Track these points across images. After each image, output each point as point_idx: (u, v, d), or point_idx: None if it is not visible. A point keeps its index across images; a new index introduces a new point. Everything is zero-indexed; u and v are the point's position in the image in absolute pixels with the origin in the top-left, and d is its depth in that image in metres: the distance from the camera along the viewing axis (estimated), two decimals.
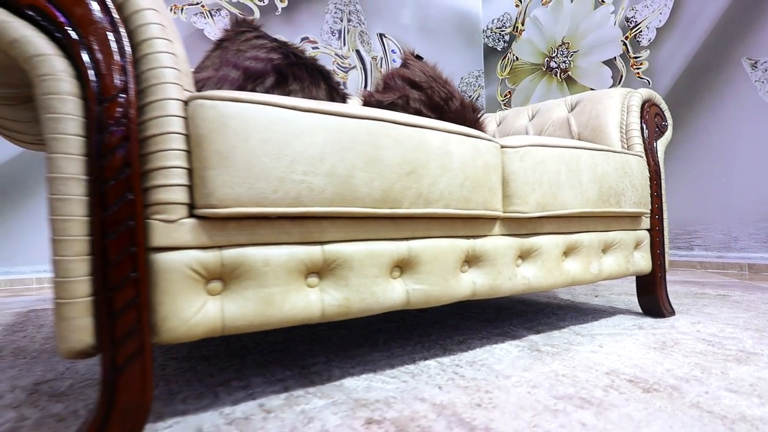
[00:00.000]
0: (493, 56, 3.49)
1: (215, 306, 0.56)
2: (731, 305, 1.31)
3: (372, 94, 1.22)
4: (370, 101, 1.21)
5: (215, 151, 0.53)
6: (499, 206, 0.81)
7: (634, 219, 1.11)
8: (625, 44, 2.62)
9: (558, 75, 3.00)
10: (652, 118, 1.22)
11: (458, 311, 1.31)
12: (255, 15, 2.78)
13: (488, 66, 3.54)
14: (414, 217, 0.71)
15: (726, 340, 0.93)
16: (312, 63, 1.04)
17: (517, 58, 3.30)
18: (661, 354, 0.85)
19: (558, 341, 0.95)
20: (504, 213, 0.84)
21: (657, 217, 1.16)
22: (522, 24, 3.27)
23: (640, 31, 2.54)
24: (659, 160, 1.18)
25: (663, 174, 1.18)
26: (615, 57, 2.67)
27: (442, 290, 0.75)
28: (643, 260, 1.13)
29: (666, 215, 1.19)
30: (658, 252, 1.15)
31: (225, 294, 0.57)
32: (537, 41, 3.16)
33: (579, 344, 0.93)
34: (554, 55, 3.03)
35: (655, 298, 1.15)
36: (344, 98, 1.09)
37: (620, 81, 2.65)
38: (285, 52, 1.03)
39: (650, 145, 1.17)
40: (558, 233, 0.93)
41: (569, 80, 2.93)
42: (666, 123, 1.26)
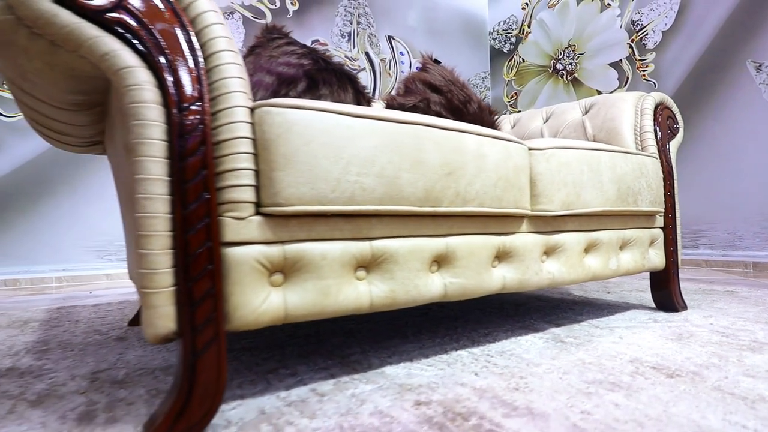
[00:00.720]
0: (499, 58, 3.55)
1: (278, 296, 0.61)
2: (740, 300, 1.36)
3: (394, 98, 1.28)
4: (393, 104, 1.26)
5: (282, 154, 0.58)
6: (528, 205, 0.86)
7: (649, 217, 1.16)
8: (631, 47, 2.67)
9: (564, 77, 3.05)
10: (665, 121, 1.27)
11: (478, 307, 1.36)
12: (267, 18, 2.83)
13: (494, 68, 3.59)
14: (452, 215, 0.76)
15: (738, 332, 0.98)
16: (340, 68, 1.09)
17: (524, 60, 3.35)
18: (679, 344, 0.90)
19: (579, 333, 1.00)
20: (532, 211, 0.89)
21: (670, 216, 1.21)
22: (528, 26, 3.32)
23: (646, 34, 2.60)
24: (672, 161, 1.23)
25: (675, 174, 1.23)
26: (621, 59, 2.73)
27: (476, 284, 0.80)
28: (658, 257, 1.18)
29: (678, 214, 1.24)
30: (672, 249, 1.20)
31: (286, 285, 0.62)
32: (543, 43, 3.21)
33: (600, 336, 0.98)
34: (560, 57, 3.08)
35: (669, 293, 1.20)
36: (369, 102, 1.14)
37: (626, 83, 2.70)
38: (315, 58, 1.08)
39: (663, 147, 1.22)
40: (579, 231, 0.98)
41: (575, 82, 2.98)
42: (677, 125, 1.31)
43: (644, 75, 2.61)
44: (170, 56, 0.55)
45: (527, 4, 3.33)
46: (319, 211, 0.61)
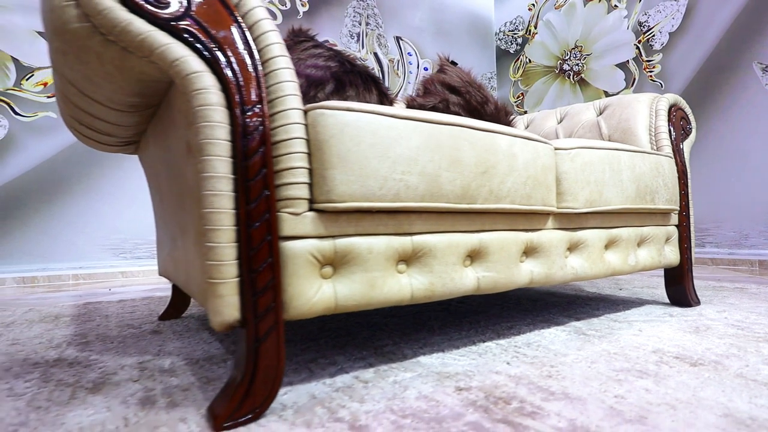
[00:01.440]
0: (506, 58, 3.58)
1: (329, 288, 0.65)
2: (750, 297, 1.40)
3: (414, 99, 1.31)
4: (413, 105, 1.30)
5: (335, 154, 0.62)
6: (554, 202, 0.90)
7: (665, 215, 1.20)
8: (638, 48, 2.71)
9: (571, 77, 3.09)
10: (678, 121, 1.31)
11: (497, 302, 1.40)
12: (278, 19, 2.86)
13: (501, 68, 3.63)
14: (485, 212, 0.80)
15: (753, 325, 1.02)
16: (365, 70, 1.13)
17: (530, 61, 3.39)
18: (697, 336, 0.94)
19: (599, 326, 1.04)
20: (557, 209, 0.92)
21: (684, 214, 1.25)
22: (535, 27, 3.36)
23: (653, 35, 2.63)
24: (686, 161, 1.27)
25: (689, 173, 1.27)
26: (628, 60, 2.76)
27: (507, 278, 0.84)
28: (673, 253, 1.22)
29: (692, 212, 1.28)
30: (686, 246, 1.24)
31: (335, 278, 0.66)
32: (550, 44, 3.25)
33: (620, 329, 1.02)
34: (567, 58, 3.12)
35: (683, 289, 1.24)
36: (392, 102, 1.18)
37: (633, 84, 2.74)
38: (341, 60, 1.12)
39: (677, 147, 1.26)
40: (601, 227, 1.02)
41: (582, 82, 3.02)
42: (690, 126, 1.35)
43: (651, 76, 2.65)
44: (232, 62, 0.59)
45: (534, 5, 3.37)
46: (368, 207, 0.65)
